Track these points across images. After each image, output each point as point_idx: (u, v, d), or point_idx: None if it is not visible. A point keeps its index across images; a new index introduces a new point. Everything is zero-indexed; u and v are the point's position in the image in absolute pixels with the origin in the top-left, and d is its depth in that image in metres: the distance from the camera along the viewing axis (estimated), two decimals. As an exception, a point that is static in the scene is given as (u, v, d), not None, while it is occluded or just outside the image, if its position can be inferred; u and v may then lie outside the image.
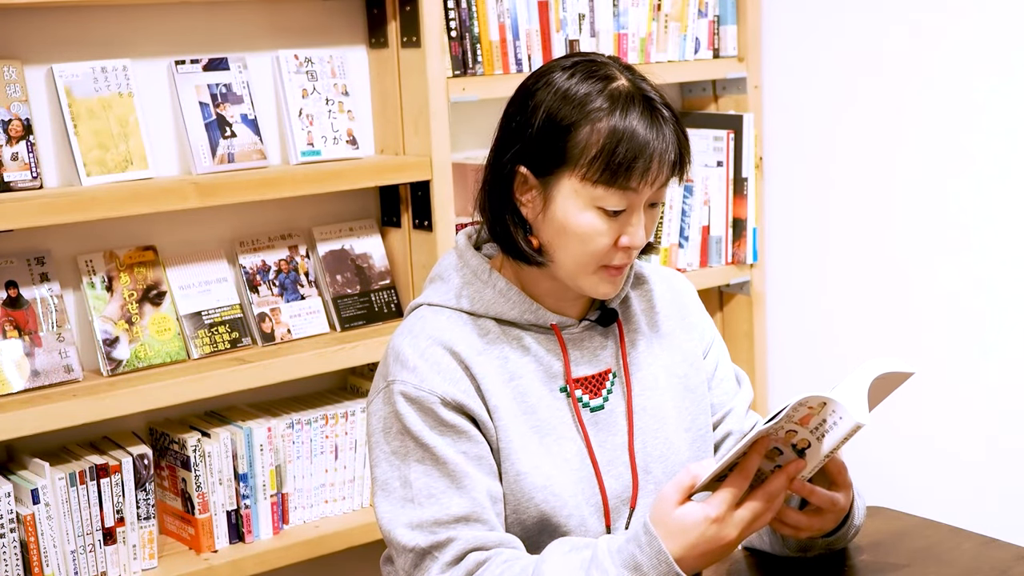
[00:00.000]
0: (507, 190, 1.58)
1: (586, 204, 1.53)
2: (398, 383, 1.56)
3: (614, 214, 1.53)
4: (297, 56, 2.53)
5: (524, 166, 1.56)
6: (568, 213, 1.54)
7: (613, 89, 1.53)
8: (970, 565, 1.67)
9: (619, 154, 1.49)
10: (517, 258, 1.60)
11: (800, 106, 3.03)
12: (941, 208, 2.76)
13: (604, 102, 1.51)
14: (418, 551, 1.51)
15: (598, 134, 1.50)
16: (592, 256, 1.55)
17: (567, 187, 1.53)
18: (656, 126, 1.52)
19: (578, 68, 1.56)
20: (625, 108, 1.51)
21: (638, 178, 1.50)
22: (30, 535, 2.14)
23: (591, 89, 1.53)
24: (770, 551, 1.71)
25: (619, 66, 1.57)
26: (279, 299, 2.51)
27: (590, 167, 1.51)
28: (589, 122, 1.51)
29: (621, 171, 1.50)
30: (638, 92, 1.53)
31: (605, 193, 1.51)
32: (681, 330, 1.73)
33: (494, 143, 1.62)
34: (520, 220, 1.59)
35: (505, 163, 1.58)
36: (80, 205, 2.16)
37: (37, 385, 2.21)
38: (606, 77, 1.54)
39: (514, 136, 1.58)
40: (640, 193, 1.52)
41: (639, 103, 1.52)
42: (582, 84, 1.53)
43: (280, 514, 2.45)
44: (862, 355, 2.94)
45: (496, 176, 1.60)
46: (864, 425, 1.38)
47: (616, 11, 2.83)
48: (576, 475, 1.59)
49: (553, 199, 1.55)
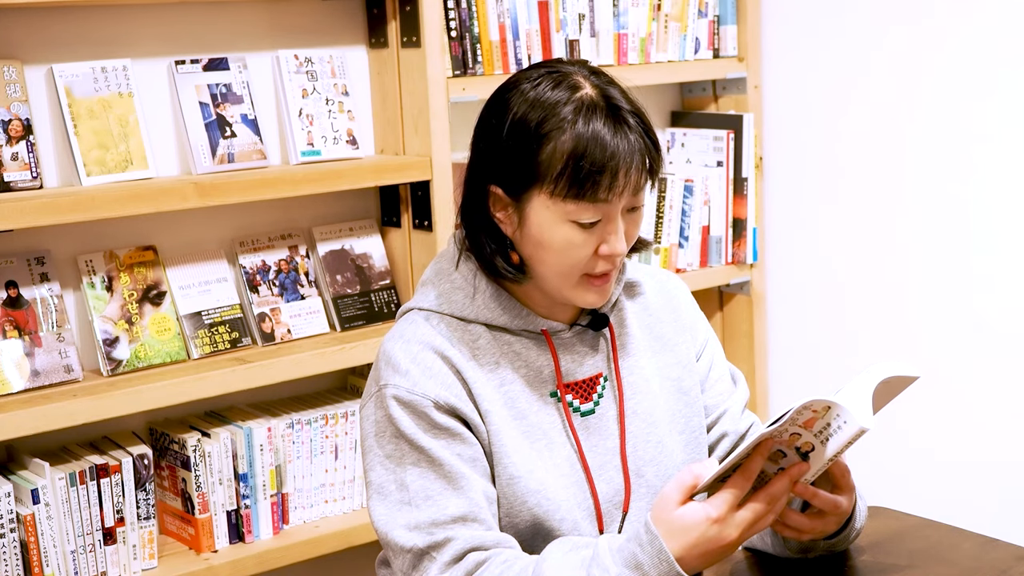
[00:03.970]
0: (483, 209, 1.58)
1: (560, 219, 1.51)
2: (390, 387, 1.55)
3: (590, 225, 1.52)
4: (297, 56, 2.53)
5: (496, 185, 1.55)
6: (543, 229, 1.53)
7: (577, 99, 1.50)
8: (970, 565, 1.67)
9: (583, 168, 1.48)
10: (496, 276, 1.60)
11: (800, 106, 3.03)
12: (941, 208, 2.76)
13: (568, 114, 1.49)
14: (416, 552, 1.51)
15: (562, 149, 1.48)
16: (573, 268, 1.54)
17: (539, 204, 1.52)
18: (621, 134, 1.49)
19: (543, 79, 1.53)
20: (588, 119, 1.49)
21: (606, 190, 1.49)
22: (30, 535, 2.14)
23: (556, 99, 1.50)
24: (771, 552, 1.71)
25: (586, 72, 1.55)
26: (279, 299, 2.51)
27: (557, 183, 1.49)
28: (552, 138, 1.49)
29: (588, 185, 1.48)
30: (603, 100, 1.51)
31: (576, 207, 1.50)
32: (674, 332, 1.73)
33: (468, 160, 1.61)
34: (499, 237, 1.58)
35: (478, 182, 1.58)
36: (80, 205, 2.16)
37: (37, 385, 2.21)
38: (571, 87, 1.52)
39: (484, 155, 1.57)
40: (612, 203, 1.51)
41: (602, 113, 1.50)
42: (545, 97, 1.51)
43: (280, 514, 2.45)
44: (862, 355, 2.94)
45: (471, 195, 1.60)
46: (868, 430, 1.38)
47: (616, 11, 2.83)
48: (567, 480, 1.59)
49: (527, 216, 1.53)
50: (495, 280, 1.61)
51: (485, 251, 1.58)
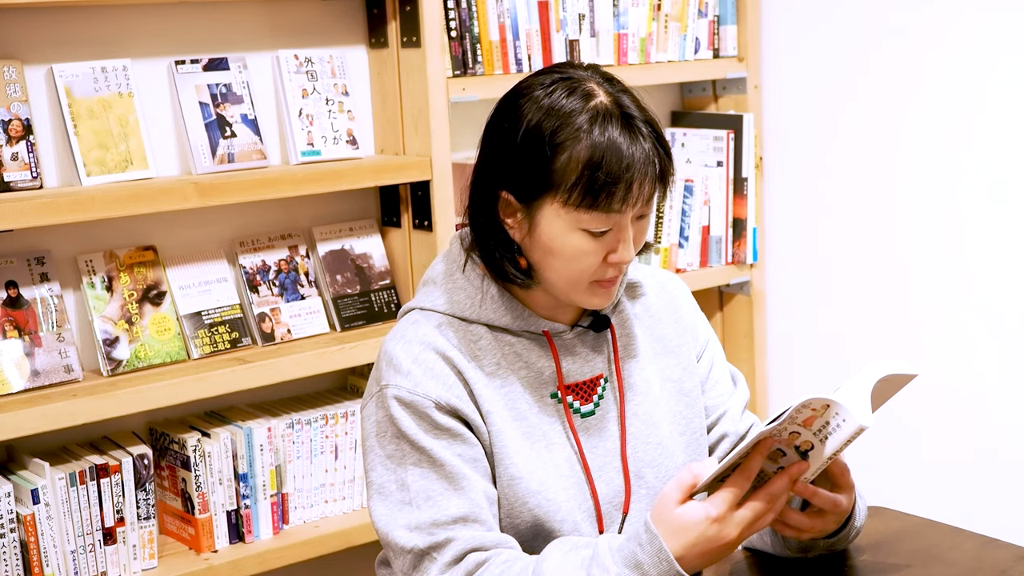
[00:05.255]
0: (492, 213, 1.57)
1: (571, 227, 1.51)
2: (392, 387, 1.55)
3: (600, 234, 1.52)
4: (297, 56, 2.53)
5: (506, 191, 1.55)
6: (554, 237, 1.52)
7: (591, 108, 1.50)
8: (970, 565, 1.67)
9: (599, 179, 1.47)
10: (503, 280, 1.60)
11: (800, 106, 3.03)
12: (941, 207, 2.76)
13: (583, 123, 1.49)
14: (416, 552, 1.51)
15: (577, 159, 1.48)
16: (581, 274, 1.54)
17: (551, 212, 1.52)
18: (636, 144, 1.49)
19: (557, 86, 1.53)
20: (604, 129, 1.49)
21: (620, 201, 1.49)
22: (30, 535, 2.14)
23: (572, 108, 1.50)
24: (771, 551, 1.71)
25: (599, 79, 1.55)
26: (279, 299, 2.51)
27: (571, 193, 1.49)
28: (567, 148, 1.49)
29: (602, 196, 1.48)
30: (617, 109, 1.51)
31: (589, 217, 1.50)
32: (675, 333, 1.73)
33: (476, 164, 1.60)
34: (507, 242, 1.57)
35: (487, 187, 1.57)
36: (80, 205, 2.16)
37: (37, 385, 2.21)
38: (585, 95, 1.51)
39: (495, 159, 1.56)
40: (624, 214, 1.51)
41: (617, 121, 1.49)
42: (560, 105, 1.51)
43: (280, 514, 2.45)
44: (862, 354, 2.94)
45: (479, 199, 1.59)
46: (867, 428, 1.38)
47: (616, 11, 2.83)
48: (568, 481, 1.59)
49: (538, 223, 1.53)
50: (500, 283, 1.61)
51: (494, 255, 1.58)
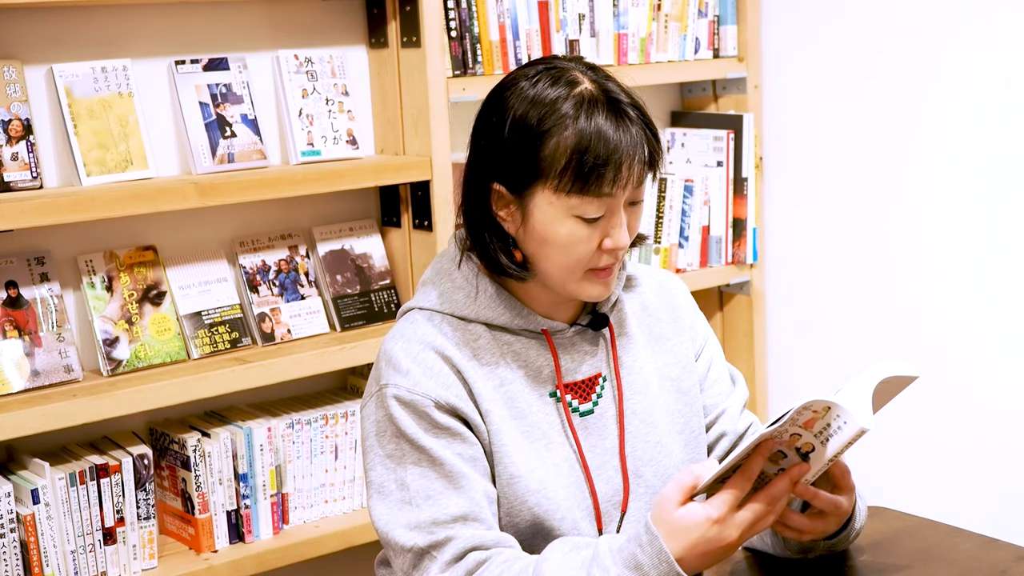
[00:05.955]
0: (485, 207, 1.58)
1: (564, 214, 1.52)
2: (391, 387, 1.56)
3: (594, 220, 1.52)
4: (297, 56, 2.53)
5: (498, 183, 1.55)
6: (547, 225, 1.53)
7: (576, 95, 1.51)
8: (970, 565, 1.67)
9: (588, 163, 1.48)
10: (500, 274, 1.60)
11: (800, 106, 3.03)
12: (941, 208, 2.76)
13: (569, 109, 1.50)
14: (416, 551, 1.51)
15: (565, 144, 1.49)
16: (577, 263, 1.55)
17: (542, 200, 1.52)
18: (623, 127, 1.50)
19: (541, 76, 1.54)
20: (590, 114, 1.50)
21: (610, 183, 1.49)
22: (30, 535, 2.14)
23: (556, 96, 1.51)
24: (771, 552, 1.71)
25: (583, 68, 1.56)
26: (279, 299, 2.51)
27: (561, 179, 1.50)
28: (555, 133, 1.50)
29: (592, 179, 1.49)
30: (602, 95, 1.52)
31: (581, 202, 1.51)
32: (673, 332, 1.73)
33: (467, 160, 1.61)
34: (502, 235, 1.58)
35: (479, 180, 1.58)
36: (80, 205, 2.16)
37: (37, 385, 2.21)
38: (570, 83, 1.52)
39: (485, 153, 1.57)
40: (616, 197, 1.51)
41: (603, 106, 1.50)
42: (545, 94, 1.52)
43: (280, 514, 2.45)
44: (862, 354, 2.94)
45: (472, 194, 1.60)
46: (868, 430, 1.38)
47: (616, 11, 2.83)
48: (567, 479, 1.60)
49: (531, 213, 1.54)
50: (497, 279, 1.62)
51: (489, 249, 1.58)
